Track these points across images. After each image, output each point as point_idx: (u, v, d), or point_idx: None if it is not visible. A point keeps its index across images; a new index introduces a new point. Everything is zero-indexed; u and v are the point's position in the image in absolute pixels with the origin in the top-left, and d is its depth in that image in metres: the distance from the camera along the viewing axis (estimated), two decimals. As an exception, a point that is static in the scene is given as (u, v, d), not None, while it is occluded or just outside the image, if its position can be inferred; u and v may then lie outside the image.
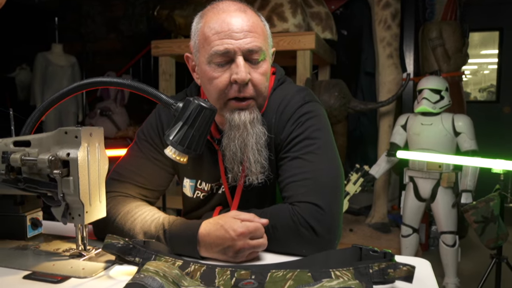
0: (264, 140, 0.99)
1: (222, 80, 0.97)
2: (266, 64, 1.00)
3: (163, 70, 3.25)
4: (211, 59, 0.96)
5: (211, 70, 0.97)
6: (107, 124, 4.29)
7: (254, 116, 0.99)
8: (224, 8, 0.98)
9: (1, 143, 0.89)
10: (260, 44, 0.97)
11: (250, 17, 0.98)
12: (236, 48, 0.94)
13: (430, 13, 3.67)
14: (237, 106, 0.98)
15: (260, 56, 0.98)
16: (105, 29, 5.19)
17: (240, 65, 0.95)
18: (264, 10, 3.09)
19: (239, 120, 0.97)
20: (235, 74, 0.95)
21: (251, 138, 0.98)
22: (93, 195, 0.86)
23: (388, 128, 3.22)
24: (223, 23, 0.95)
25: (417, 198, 2.71)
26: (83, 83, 0.93)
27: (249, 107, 0.98)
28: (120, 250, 0.81)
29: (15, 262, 0.87)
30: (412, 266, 0.71)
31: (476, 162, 2.16)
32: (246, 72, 0.95)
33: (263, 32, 1.00)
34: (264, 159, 0.99)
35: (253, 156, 0.98)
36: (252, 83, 0.97)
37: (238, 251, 0.86)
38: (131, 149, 1.11)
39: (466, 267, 3.03)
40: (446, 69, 3.49)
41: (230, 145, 0.98)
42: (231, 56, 0.95)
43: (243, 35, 0.95)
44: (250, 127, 0.98)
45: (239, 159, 0.99)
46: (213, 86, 0.98)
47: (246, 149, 0.98)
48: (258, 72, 0.98)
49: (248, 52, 0.96)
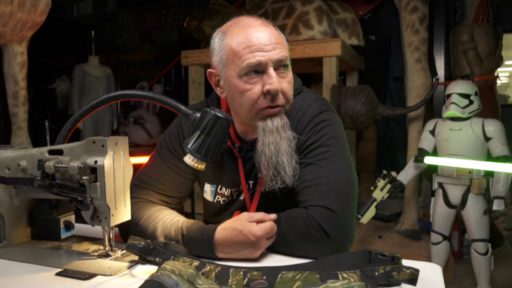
0: (294, 144, 1.04)
1: (255, 92, 1.01)
2: (291, 73, 1.06)
3: (192, 79, 3.36)
4: (242, 72, 1.01)
5: (242, 83, 1.01)
6: (140, 132, 4.45)
7: (284, 121, 1.04)
8: (249, 23, 1.03)
9: (37, 152, 0.98)
10: (286, 54, 1.03)
11: (274, 31, 1.04)
12: (268, 60, 1.00)
13: (461, 15, 3.60)
14: (269, 113, 1.02)
15: (287, 65, 1.04)
16: (139, 40, 5.39)
17: (273, 75, 1.00)
18: (290, 18, 3.14)
19: (272, 125, 1.02)
20: (268, 84, 0.99)
21: (284, 142, 1.02)
22: (118, 199, 0.93)
23: (417, 133, 3.17)
24: (252, 37, 1.00)
25: (447, 204, 2.65)
26: (110, 96, 1.01)
27: (279, 114, 1.03)
28: (142, 251, 0.87)
29: (49, 260, 0.95)
30: (416, 269, 0.73)
31: (508, 168, 2.10)
32: (279, 81, 1.01)
33: (284, 44, 1.06)
34: (296, 163, 1.03)
35: (287, 160, 1.02)
36: (282, 92, 1.02)
37: (257, 251, 0.93)
38: (153, 156, 1.18)
39: (500, 276, 2.93)
40: (479, 72, 3.41)
41: (265, 151, 1.02)
42: (263, 67, 1.00)
43: (272, 47, 1.00)
44: (282, 131, 1.02)
45: (274, 164, 1.02)
46: (246, 97, 1.02)
47: (279, 153, 1.02)
48: (286, 81, 1.04)
49: (277, 62, 1.01)
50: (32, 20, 2.55)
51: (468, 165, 2.42)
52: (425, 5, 3.14)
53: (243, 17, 1.06)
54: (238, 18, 1.07)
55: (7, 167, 1.01)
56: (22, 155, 0.99)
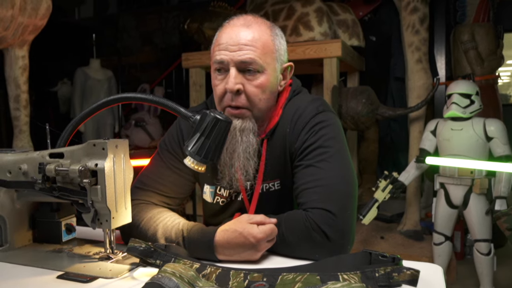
0: (253, 150, 1.05)
1: (220, 88, 1.05)
2: (263, 77, 1.04)
3: (193, 81, 3.36)
4: (213, 68, 1.07)
5: (214, 78, 1.08)
6: (141, 134, 4.45)
7: (246, 125, 1.04)
8: (234, 22, 1.07)
9: (38, 155, 0.98)
10: (254, 56, 1.02)
11: (252, 32, 1.03)
12: (229, 59, 1.02)
13: (462, 15, 3.60)
14: (230, 113, 1.05)
15: (255, 68, 1.03)
16: (140, 43, 5.41)
17: (231, 75, 1.02)
18: (290, 19, 3.14)
19: (233, 125, 1.03)
20: (225, 83, 1.03)
21: (239, 145, 1.04)
22: (119, 202, 0.94)
23: (418, 134, 3.17)
24: (225, 35, 1.04)
25: (449, 205, 2.65)
26: (109, 99, 1.01)
27: (243, 116, 1.05)
28: (142, 253, 0.87)
29: (51, 263, 0.95)
30: (416, 270, 0.73)
31: (510, 167, 2.10)
32: (235, 82, 1.02)
33: (264, 47, 1.04)
34: (252, 169, 1.06)
35: (239, 163, 1.05)
36: (246, 94, 1.03)
37: (258, 253, 0.93)
38: (154, 158, 1.19)
39: (503, 277, 2.92)
40: (480, 72, 3.40)
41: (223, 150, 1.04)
42: (225, 66, 1.03)
43: (238, 48, 1.02)
44: (240, 135, 1.04)
45: (229, 165, 1.06)
46: (215, 92, 1.08)
47: (233, 155, 1.05)
48: (253, 84, 1.03)
49: (240, 63, 1.02)
50: (34, 24, 2.56)
51: (470, 165, 2.41)
52: (426, 5, 3.13)
53: (235, 16, 1.09)
54: (232, 17, 1.09)
55: (8, 170, 1.01)
56: (23, 159, 1.00)
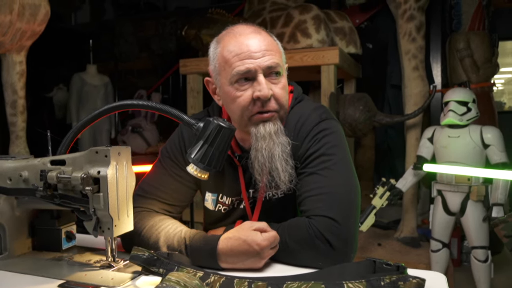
0: (289, 149, 1.04)
1: (245, 98, 1.02)
2: (284, 79, 1.07)
3: (191, 88, 3.36)
4: (233, 79, 1.02)
5: (233, 90, 1.03)
6: (138, 140, 4.44)
7: (277, 127, 1.04)
8: (240, 31, 1.05)
9: (39, 162, 0.98)
10: (277, 60, 1.03)
11: (265, 37, 1.05)
12: (257, 67, 1.01)
13: (457, 23, 3.63)
14: (261, 118, 1.03)
15: (279, 71, 1.04)
16: (137, 49, 5.41)
17: (262, 82, 1.01)
18: (288, 27, 3.15)
19: (264, 131, 1.02)
20: (257, 91, 1.00)
21: (277, 147, 1.02)
22: (121, 210, 0.93)
23: (415, 141, 3.18)
24: (242, 45, 1.02)
25: (446, 212, 2.65)
26: (113, 106, 1.01)
27: (272, 119, 1.04)
28: (145, 262, 0.86)
29: (51, 271, 0.94)
30: (422, 279, 0.73)
31: (507, 175, 2.11)
32: (268, 88, 1.01)
33: (278, 50, 1.07)
34: (291, 168, 1.03)
35: (281, 165, 1.02)
36: (274, 98, 1.03)
37: (261, 261, 0.92)
38: (155, 166, 1.18)
39: (500, 283, 2.92)
40: (476, 79, 3.43)
41: (258, 157, 1.02)
42: (253, 74, 1.01)
43: (262, 54, 1.01)
44: (276, 137, 1.02)
45: (268, 169, 1.03)
46: (236, 104, 1.03)
47: (273, 159, 1.02)
48: (279, 87, 1.04)
49: (267, 69, 1.02)
50: (32, 29, 2.55)
51: (467, 172, 2.42)
52: (422, 14, 3.16)
53: (237, 25, 1.08)
54: (232, 26, 1.08)
55: (8, 177, 1.00)
56: (24, 166, 0.99)
